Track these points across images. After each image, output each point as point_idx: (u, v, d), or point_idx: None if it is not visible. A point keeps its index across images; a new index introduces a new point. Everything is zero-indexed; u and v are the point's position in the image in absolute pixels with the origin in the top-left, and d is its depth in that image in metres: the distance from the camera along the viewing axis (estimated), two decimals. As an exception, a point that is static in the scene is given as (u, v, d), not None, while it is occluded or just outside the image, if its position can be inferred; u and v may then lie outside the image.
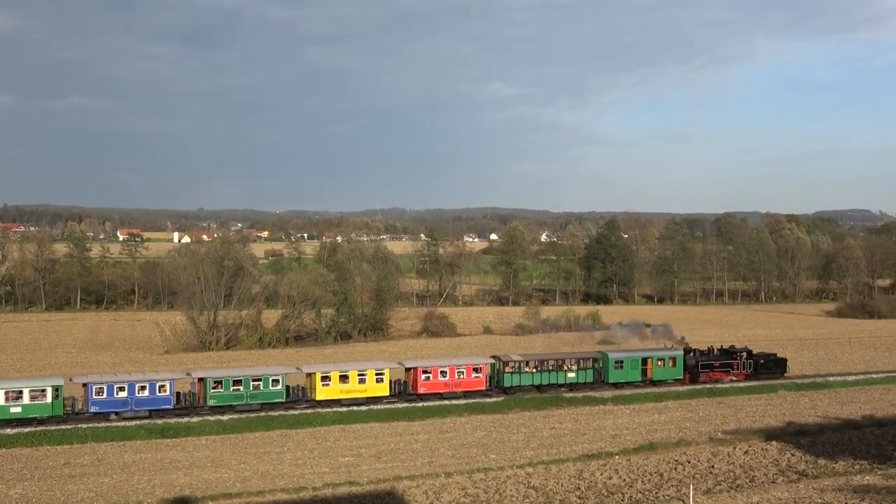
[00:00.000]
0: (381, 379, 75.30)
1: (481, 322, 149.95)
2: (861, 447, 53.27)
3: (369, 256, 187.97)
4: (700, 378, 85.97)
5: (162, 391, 69.23)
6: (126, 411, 68.13)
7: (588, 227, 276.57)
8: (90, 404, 67.55)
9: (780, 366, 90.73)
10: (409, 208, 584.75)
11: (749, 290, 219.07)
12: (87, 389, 67.97)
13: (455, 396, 76.82)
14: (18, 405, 65.16)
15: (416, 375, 76.82)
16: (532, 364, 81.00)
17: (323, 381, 73.33)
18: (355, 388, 74.14)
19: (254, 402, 71.34)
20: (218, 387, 70.67)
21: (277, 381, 72.44)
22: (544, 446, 57.15)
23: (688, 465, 49.37)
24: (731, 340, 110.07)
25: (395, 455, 55.20)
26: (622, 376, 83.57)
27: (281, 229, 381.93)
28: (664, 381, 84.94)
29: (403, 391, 76.54)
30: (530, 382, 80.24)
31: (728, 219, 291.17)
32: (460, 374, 78.04)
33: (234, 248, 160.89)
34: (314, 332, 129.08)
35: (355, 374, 74.44)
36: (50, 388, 66.45)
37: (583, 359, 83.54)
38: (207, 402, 70.33)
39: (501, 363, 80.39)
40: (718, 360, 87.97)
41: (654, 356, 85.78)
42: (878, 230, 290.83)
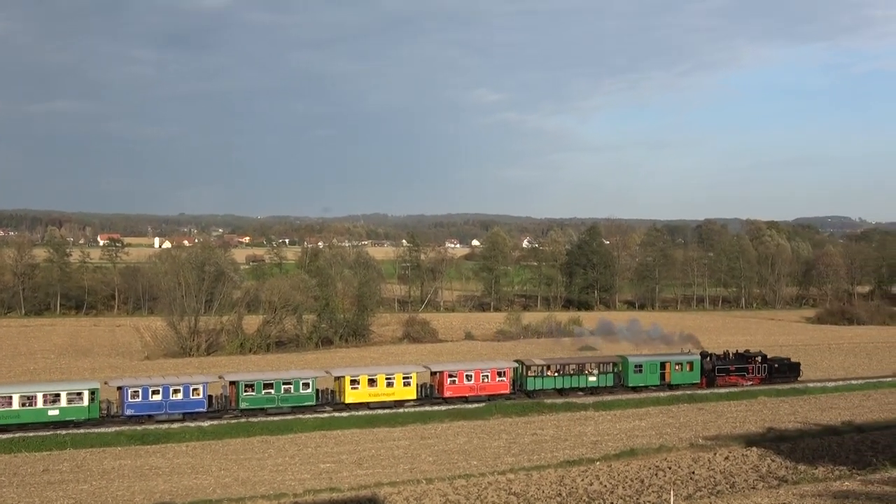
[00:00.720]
0: (409, 382, 76.67)
1: (463, 328, 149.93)
2: (841, 453, 53.46)
3: (351, 262, 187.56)
4: (717, 382, 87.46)
5: (195, 394, 70.34)
6: (160, 414, 69.19)
7: (570, 233, 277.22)
8: (126, 407, 68.61)
9: (794, 370, 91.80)
10: (391, 214, 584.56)
11: (730, 296, 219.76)
12: (123, 393, 69.05)
13: (480, 400, 77.74)
14: (56, 408, 66.23)
15: (442, 379, 78.00)
16: (554, 368, 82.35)
17: (352, 385, 74.64)
18: (383, 392, 75.51)
19: (284, 405, 72.34)
20: (250, 390, 71.68)
21: (308, 384, 73.51)
22: (525, 452, 57.15)
23: (668, 471, 49.45)
24: (711, 347, 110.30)
25: (376, 461, 55.10)
26: (641, 380, 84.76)
27: (262, 235, 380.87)
28: (682, 384, 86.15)
29: (430, 395, 77.75)
30: (552, 386, 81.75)
31: (709, 225, 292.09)
32: (485, 377, 79.22)
33: (215, 253, 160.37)
34: (295, 337, 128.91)
35: (383, 377, 75.82)
36: (87, 391, 67.66)
37: (603, 363, 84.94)
38: (239, 405, 71.35)
39: (525, 367, 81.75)
40: (734, 365, 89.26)
41: (672, 360, 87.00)
42: (858, 237, 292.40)
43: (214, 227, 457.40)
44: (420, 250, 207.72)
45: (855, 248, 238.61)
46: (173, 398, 69.53)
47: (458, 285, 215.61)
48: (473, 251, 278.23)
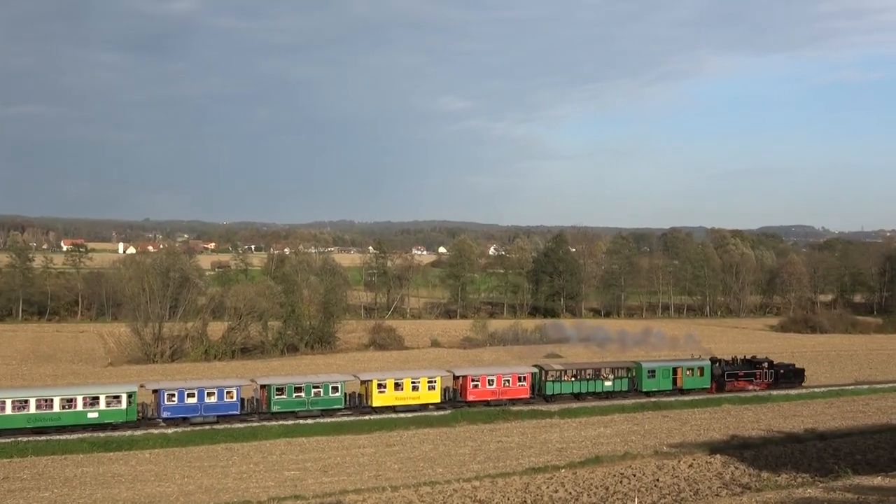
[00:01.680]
0: (433, 386, 78.93)
1: (429, 335, 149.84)
2: (803, 460, 53.84)
3: (317, 269, 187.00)
4: (726, 387, 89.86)
5: (229, 397, 72.15)
6: (196, 417, 70.75)
7: (536, 240, 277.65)
8: (162, 410, 70.12)
9: (799, 375, 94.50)
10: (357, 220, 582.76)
11: (694, 304, 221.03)
12: (159, 396, 70.48)
13: (501, 403, 79.77)
14: (95, 410, 67.81)
15: (465, 383, 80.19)
16: (570, 373, 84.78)
17: (379, 389, 76.48)
18: (409, 395, 77.58)
19: (314, 408, 74.13)
20: (281, 393, 73.50)
21: (337, 388, 75.27)
22: (491, 459, 57.15)
23: (633, 479, 49.58)
24: (676, 354, 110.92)
25: (341, 469, 54.90)
26: (654, 385, 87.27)
27: (228, 241, 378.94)
28: (693, 389, 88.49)
29: (453, 398, 79.80)
30: (570, 391, 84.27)
31: (674, 233, 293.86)
32: (506, 382, 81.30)
33: (180, 259, 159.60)
34: (261, 344, 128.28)
35: (409, 381, 78.02)
36: (125, 394, 69.17)
37: (619, 368, 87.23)
38: (271, 408, 73.12)
39: (543, 372, 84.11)
40: (743, 370, 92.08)
41: (683, 366, 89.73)
42: (821, 246, 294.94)
43: (180, 232, 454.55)
44: (386, 257, 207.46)
45: (818, 257, 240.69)
46: (208, 401, 71.33)
47: (425, 292, 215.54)
48: (440, 258, 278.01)
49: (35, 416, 66.39)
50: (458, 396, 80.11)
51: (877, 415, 74.98)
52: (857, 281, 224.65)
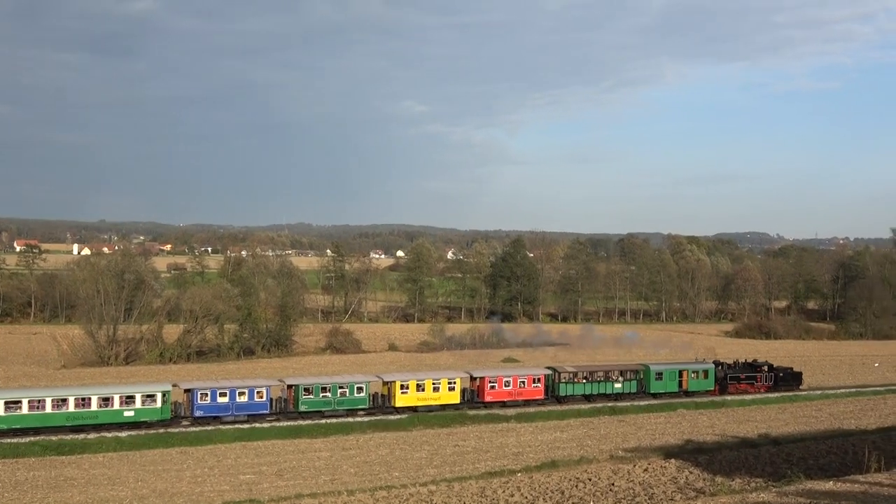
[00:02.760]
0: (453, 387, 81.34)
1: (386, 339, 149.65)
2: (756, 465, 54.29)
3: (274, 271, 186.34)
4: (728, 389, 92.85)
5: (259, 397, 74.10)
6: (227, 416, 72.60)
7: (494, 245, 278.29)
8: (195, 409, 71.93)
9: (797, 378, 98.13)
10: (315, 223, 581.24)
11: (651, 309, 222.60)
12: (193, 395, 72.28)
13: (517, 405, 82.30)
14: (131, 409, 69.61)
15: (482, 385, 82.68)
16: (581, 375, 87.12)
17: (402, 390, 78.76)
18: (430, 396, 79.84)
19: (340, 407, 76.15)
20: (308, 393, 75.47)
21: (362, 388, 77.47)
22: (447, 464, 57.13)
23: (588, 483, 49.75)
24: (633, 360, 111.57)
25: (297, 472, 54.64)
26: (662, 387, 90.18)
27: (184, 243, 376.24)
28: (698, 391, 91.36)
29: (471, 399, 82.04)
30: (582, 392, 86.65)
31: (631, 239, 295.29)
32: (522, 383, 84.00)
33: (135, 261, 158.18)
34: (217, 347, 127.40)
35: (430, 382, 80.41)
36: (160, 393, 70.98)
37: (628, 371, 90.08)
38: (299, 408, 75.09)
39: (557, 374, 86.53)
40: (744, 373, 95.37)
41: (688, 369, 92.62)
42: (775, 253, 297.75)
43: (135, 234, 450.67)
44: (344, 260, 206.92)
45: (772, 263, 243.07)
46: (239, 400, 73.15)
47: (383, 296, 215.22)
48: (398, 262, 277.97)
49: (74, 415, 68.02)
50: (475, 397, 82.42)
51: (829, 420, 75.87)
52: (811, 288, 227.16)
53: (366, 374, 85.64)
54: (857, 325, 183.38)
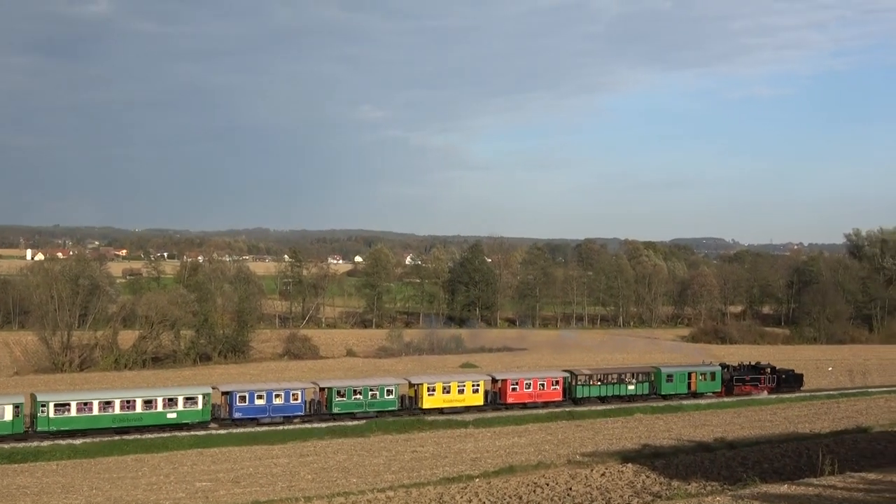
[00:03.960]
0: (477, 390, 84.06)
1: (344, 344, 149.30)
2: (713, 469, 54.62)
3: (231, 277, 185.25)
4: (734, 391, 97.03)
5: (294, 399, 76.39)
6: (264, 417, 74.73)
7: (452, 250, 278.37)
8: (234, 410, 74.10)
9: (798, 380, 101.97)
10: (273, 228, 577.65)
11: (608, 314, 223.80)
12: (231, 397, 74.54)
13: (537, 406, 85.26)
14: (174, 411, 71.66)
15: (504, 387, 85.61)
16: (597, 378, 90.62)
17: (429, 392, 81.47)
18: (456, 398, 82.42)
19: (371, 409, 78.48)
20: (341, 396, 78.02)
21: (391, 391, 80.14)
22: (405, 470, 57.00)
23: (546, 488, 49.83)
24: (590, 363, 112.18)
25: (253, 479, 54.26)
26: (672, 389, 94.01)
27: (140, 248, 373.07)
28: (705, 393, 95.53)
29: (493, 401, 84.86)
30: (597, 394, 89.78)
31: (588, 245, 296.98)
32: (542, 386, 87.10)
33: (90, 266, 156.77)
34: (173, 353, 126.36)
35: (455, 385, 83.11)
36: (200, 395, 73.00)
37: (641, 373, 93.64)
38: (332, 410, 77.56)
39: (574, 377, 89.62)
40: (749, 375, 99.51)
41: (697, 371, 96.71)
42: (731, 258, 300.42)
43: (90, 239, 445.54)
44: (302, 266, 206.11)
45: (728, 268, 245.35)
46: (275, 402, 75.31)
47: (341, 302, 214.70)
48: (356, 267, 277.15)
49: (119, 417, 70.04)
50: (497, 399, 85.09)
51: (783, 424, 76.58)
52: (766, 293, 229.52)
53: (395, 377, 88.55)
54: (811, 330, 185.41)
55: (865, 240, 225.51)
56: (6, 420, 66.35)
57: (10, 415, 66.55)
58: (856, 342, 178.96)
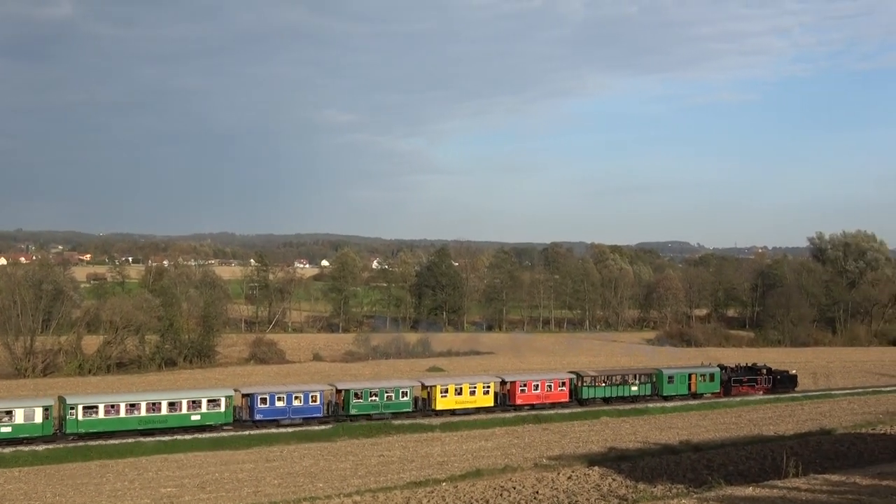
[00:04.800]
0: (488, 391, 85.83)
1: (311, 349, 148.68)
2: (678, 471, 54.92)
3: (197, 281, 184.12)
4: (732, 392, 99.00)
5: (313, 401, 78.18)
6: (284, 419, 76.31)
7: (419, 254, 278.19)
8: (255, 412, 75.72)
9: (793, 381, 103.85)
10: (239, 233, 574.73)
11: (574, 318, 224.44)
12: (252, 399, 76.22)
13: (545, 407, 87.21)
14: (198, 413, 73.36)
15: (514, 388, 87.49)
16: (601, 379, 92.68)
17: (441, 393, 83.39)
18: (467, 400, 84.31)
19: (387, 411, 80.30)
20: (358, 398, 79.79)
21: (406, 393, 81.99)
22: (372, 474, 56.89)
23: (513, 491, 49.91)
24: (557, 367, 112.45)
25: (219, 485, 53.97)
26: (673, 389, 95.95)
27: (105, 252, 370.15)
28: (705, 393, 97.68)
29: (503, 402, 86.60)
30: (602, 395, 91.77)
31: (555, 248, 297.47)
32: (549, 387, 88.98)
33: (53, 271, 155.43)
34: (138, 358, 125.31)
35: (467, 386, 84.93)
36: (223, 397, 74.74)
37: (642, 374, 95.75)
38: (349, 411, 79.18)
39: (580, 378, 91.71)
40: (746, 376, 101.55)
41: (697, 372, 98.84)
42: (696, 262, 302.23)
43: (54, 243, 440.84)
44: (268, 270, 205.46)
45: (693, 272, 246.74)
46: (295, 404, 77.01)
47: (307, 306, 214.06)
48: (323, 271, 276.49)
49: (145, 419, 71.57)
50: (507, 401, 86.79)
51: (748, 426, 77.11)
52: (731, 296, 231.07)
53: (410, 380, 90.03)
54: (775, 333, 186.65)
55: (828, 243, 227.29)
56: (36, 422, 68.02)
57: (41, 417, 68.15)
58: (819, 345, 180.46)
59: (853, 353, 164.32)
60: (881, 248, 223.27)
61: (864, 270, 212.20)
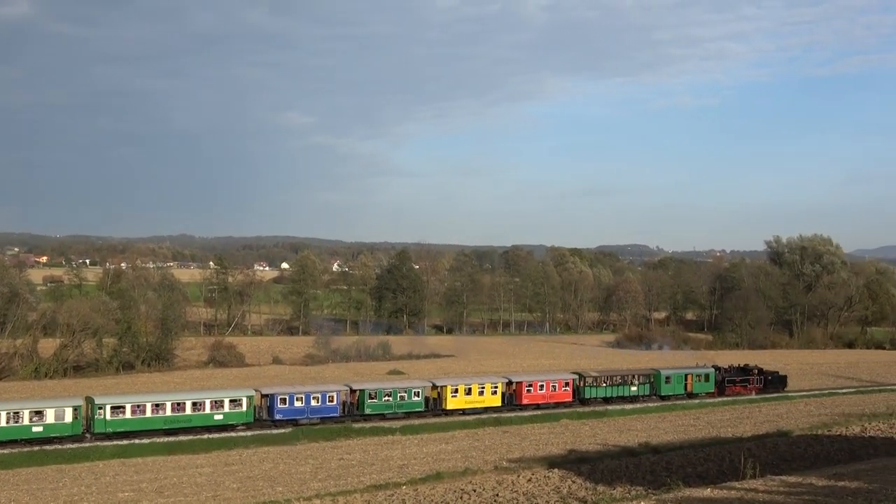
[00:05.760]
0: (496, 391, 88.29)
1: (271, 352, 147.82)
2: (637, 473, 55.18)
3: (155, 284, 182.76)
4: (726, 391, 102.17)
5: (331, 401, 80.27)
6: (303, 419, 78.28)
7: (380, 257, 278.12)
8: (275, 412, 77.75)
9: (783, 381, 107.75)
10: (198, 235, 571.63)
11: (535, 320, 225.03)
12: (273, 399, 78.21)
13: (549, 407, 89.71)
14: (220, 413, 75.33)
15: (520, 389, 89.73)
16: (602, 379, 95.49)
17: (452, 393, 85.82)
18: (476, 399, 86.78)
19: (400, 410, 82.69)
20: (373, 398, 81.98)
21: (418, 393, 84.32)
22: (332, 477, 56.67)
23: (473, 494, 49.93)
24: (516, 370, 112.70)
25: (178, 489, 53.51)
26: (671, 389, 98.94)
27: (61, 255, 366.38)
28: (700, 393, 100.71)
29: (510, 402, 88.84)
30: (604, 395, 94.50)
31: (515, 251, 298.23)
32: (554, 387, 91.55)
33: (8, 273, 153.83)
34: (95, 361, 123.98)
35: (476, 387, 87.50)
36: (245, 398, 76.90)
37: (641, 375, 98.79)
38: (364, 411, 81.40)
39: (583, 379, 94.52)
40: (739, 377, 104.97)
41: (693, 373, 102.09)
42: (655, 265, 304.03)
43: (9, 245, 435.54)
44: (228, 273, 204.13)
45: (652, 275, 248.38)
46: (313, 404, 79.16)
47: (267, 309, 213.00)
48: (283, 274, 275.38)
49: (170, 419, 73.44)
50: (513, 401, 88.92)
51: (706, 428, 77.63)
52: (689, 299, 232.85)
53: (421, 380, 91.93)
54: (733, 335, 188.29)
55: (785, 247, 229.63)
56: (66, 422, 69.92)
57: (70, 417, 70.12)
58: (776, 347, 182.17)
59: (809, 355, 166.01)
60: (837, 251, 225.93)
61: (820, 274, 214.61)
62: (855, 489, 37.96)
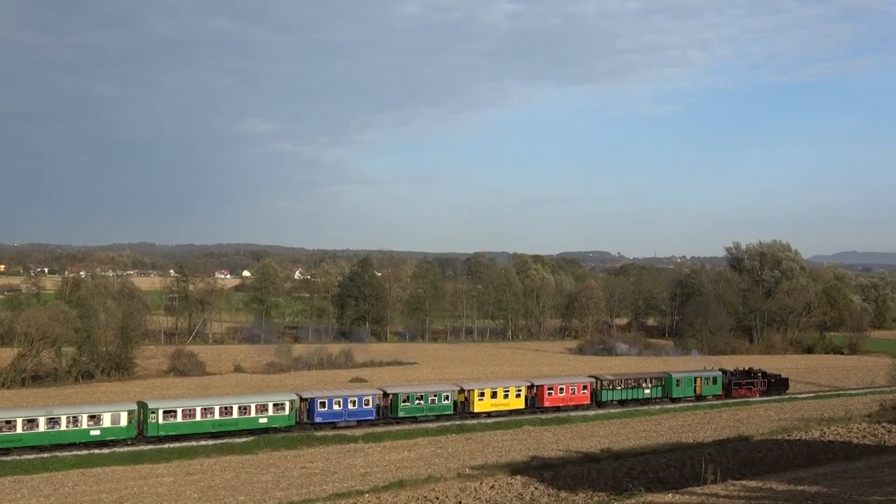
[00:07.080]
0: (520, 395, 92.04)
1: (232, 360, 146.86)
2: (599, 479, 55.31)
3: (115, 292, 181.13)
4: (732, 394, 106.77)
5: (366, 404, 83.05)
6: (341, 421, 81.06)
7: (342, 264, 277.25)
8: (315, 416, 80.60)
9: (784, 384, 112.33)
10: (158, 243, 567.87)
11: (497, 327, 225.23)
12: (312, 403, 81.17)
13: (568, 409, 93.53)
14: (265, 416, 78.34)
15: (541, 392, 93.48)
16: (618, 383, 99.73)
17: (479, 397, 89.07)
18: (502, 403, 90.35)
19: (431, 413, 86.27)
20: (406, 401, 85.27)
21: (448, 396, 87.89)
22: (294, 486, 56.43)
23: (436, 502, 49.87)
24: (478, 376, 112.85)
25: (138, 499, 53.06)
26: (681, 392, 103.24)
27: (19, 263, 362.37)
28: (708, 395, 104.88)
29: (532, 405, 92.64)
30: (619, 398, 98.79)
31: (477, 258, 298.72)
32: (573, 390, 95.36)
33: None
34: (54, 371, 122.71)
35: (501, 390, 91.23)
36: (287, 402, 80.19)
37: (654, 378, 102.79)
38: (398, 414, 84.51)
39: (599, 382, 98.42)
40: (745, 380, 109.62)
41: (701, 376, 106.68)
42: (617, 271, 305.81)
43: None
44: (188, 281, 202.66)
45: (614, 281, 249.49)
46: (350, 408, 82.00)
47: (228, 317, 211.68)
48: (244, 282, 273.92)
49: (219, 422, 76.07)
50: (536, 403, 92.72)
51: (668, 434, 78.08)
52: (650, 305, 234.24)
53: (449, 384, 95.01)
54: (693, 341, 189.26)
55: (745, 253, 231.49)
56: (122, 426, 73.00)
57: (126, 420, 73.19)
58: (737, 353, 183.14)
59: (769, 360, 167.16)
60: (796, 257, 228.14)
61: (779, 280, 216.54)
62: (815, 493, 38.27)
